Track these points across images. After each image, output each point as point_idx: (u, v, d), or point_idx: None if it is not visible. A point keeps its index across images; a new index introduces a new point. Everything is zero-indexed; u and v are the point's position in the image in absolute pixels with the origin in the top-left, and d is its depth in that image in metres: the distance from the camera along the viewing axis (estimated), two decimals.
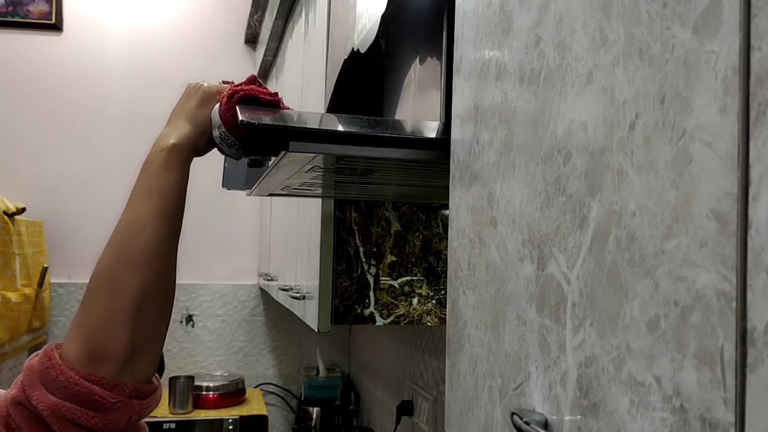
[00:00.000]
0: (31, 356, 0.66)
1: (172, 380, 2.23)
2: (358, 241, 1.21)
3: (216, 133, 0.76)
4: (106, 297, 0.66)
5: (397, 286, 1.22)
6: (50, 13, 2.51)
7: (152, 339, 0.68)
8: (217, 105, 0.76)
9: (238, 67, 2.65)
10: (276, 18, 2.00)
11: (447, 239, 0.65)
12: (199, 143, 0.77)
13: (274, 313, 2.63)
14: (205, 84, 0.79)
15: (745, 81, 0.27)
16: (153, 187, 0.72)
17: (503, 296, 0.49)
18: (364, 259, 1.21)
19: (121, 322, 0.65)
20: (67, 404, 0.61)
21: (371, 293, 1.21)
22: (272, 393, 2.62)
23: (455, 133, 0.62)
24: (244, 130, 0.70)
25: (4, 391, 0.68)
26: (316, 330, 1.21)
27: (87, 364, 0.63)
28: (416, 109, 0.82)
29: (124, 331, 0.65)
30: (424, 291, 1.23)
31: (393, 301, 1.22)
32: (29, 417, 0.62)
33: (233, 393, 2.34)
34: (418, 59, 0.82)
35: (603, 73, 0.38)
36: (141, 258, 0.67)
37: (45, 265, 2.22)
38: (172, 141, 0.75)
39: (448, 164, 0.63)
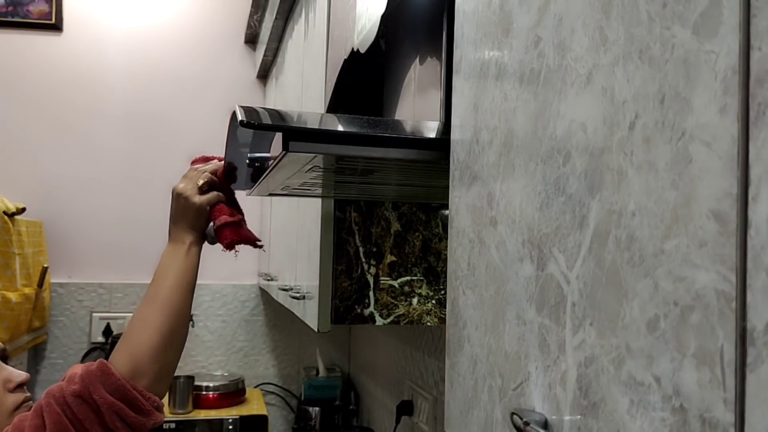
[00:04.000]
0: (86, 364, 0.89)
1: (173, 380, 2.23)
2: (358, 241, 1.21)
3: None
4: (144, 331, 0.92)
5: (396, 286, 1.22)
6: (50, 13, 2.51)
7: (172, 367, 0.94)
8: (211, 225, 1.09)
9: (238, 67, 2.65)
10: (276, 18, 2.00)
11: (447, 239, 0.65)
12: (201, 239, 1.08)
13: (274, 313, 2.63)
14: (189, 197, 1.04)
15: (744, 81, 0.27)
16: (182, 266, 1.03)
17: (503, 296, 0.49)
18: (364, 259, 1.21)
19: (155, 349, 0.91)
20: (120, 404, 0.84)
21: (371, 293, 1.21)
22: (272, 393, 2.62)
23: (455, 133, 0.62)
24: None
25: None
26: (316, 330, 1.21)
27: (130, 377, 0.87)
28: (416, 109, 0.82)
29: (155, 356, 0.90)
30: (423, 291, 1.23)
31: (393, 301, 1.22)
32: (88, 409, 0.84)
33: (233, 393, 2.34)
34: (418, 59, 0.82)
35: (603, 73, 0.38)
36: (166, 302, 0.95)
37: (45, 265, 2.22)
38: (187, 239, 1.06)
39: (448, 164, 0.63)
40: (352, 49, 0.92)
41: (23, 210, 2.11)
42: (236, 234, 1.08)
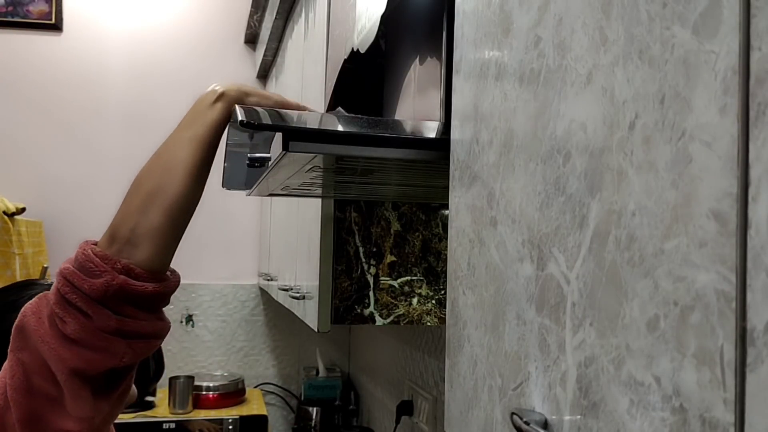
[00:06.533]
0: None
1: (172, 380, 2.23)
2: (357, 241, 1.21)
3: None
4: (129, 195, 0.79)
5: (396, 286, 1.22)
6: (50, 13, 2.51)
7: (154, 232, 0.76)
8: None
9: (238, 67, 2.65)
10: (276, 18, 2.00)
11: (447, 239, 0.65)
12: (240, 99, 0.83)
13: (274, 313, 2.63)
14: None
15: (744, 81, 0.27)
16: (197, 118, 0.82)
17: (503, 296, 0.49)
18: (363, 259, 1.21)
19: (131, 212, 0.76)
20: (71, 267, 0.73)
21: (371, 293, 1.21)
22: (272, 393, 2.62)
23: (455, 133, 0.62)
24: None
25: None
26: (315, 330, 1.21)
27: (104, 246, 0.75)
28: (416, 109, 0.82)
29: (130, 219, 0.76)
30: (423, 291, 1.23)
31: (393, 301, 1.22)
32: (56, 283, 0.74)
33: (233, 393, 2.34)
34: (418, 59, 0.82)
35: (603, 73, 0.38)
36: (163, 164, 0.79)
37: (45, 265, 2.22)
38: (220, 89, 0.84)
39: (448, 164, 0.63)
40: (352, 49, 0.92)
41: (23, 210, 2.11)
42: None
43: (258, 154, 0.91)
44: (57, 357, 0.71)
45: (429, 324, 1.25)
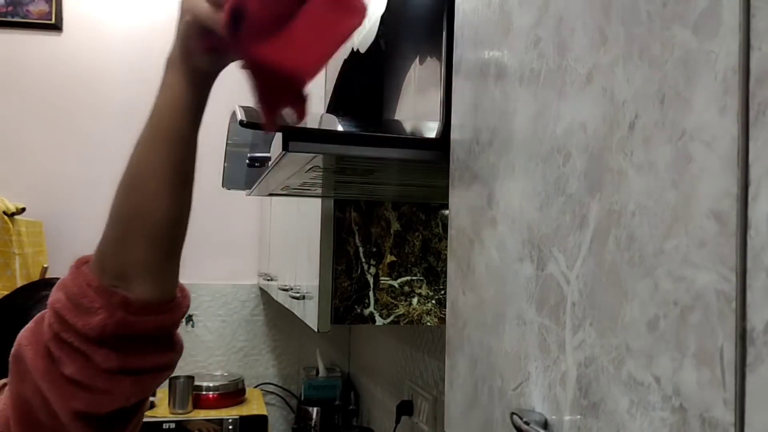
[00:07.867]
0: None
1: (172, 380, 2.23)
2: (357, 241, 1.21)
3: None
4: (108, 217, 0.67)
5: (396, 286, 1.22)
6: (50, 13, 2.50)
7: (143, 266, 0.65)
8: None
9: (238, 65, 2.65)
10: None
11: (447, 239, 0.65)
12: (192, 49, 0.68)
13: (274, 313, 2.63)
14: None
15: (744, 81, 0.27)
16: (152, 108, 0.71)
17: (503, 296, 0.49)
18: (363, 259, 1.21)
19: (111, 242, 0.66)
20: (63, 300, 0.64)
21: (371, 293, 1.21)
22: (272, 393, 2.62)
23: (455, 133, 0.62)
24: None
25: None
26: (315, 330, 1.21)
27: (96, 273, 0.65)
28: (416, 109, 0.82)
29: (113, 251, 0.66)
30: (423, 291, 1.23)
31: (393, 301, 1.22)
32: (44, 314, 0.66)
33: (233, 393, 2.34)
34: (417, 59, 0.82)
35: (602, 73, 0.38)
36: (129, 181, 0.68)
37: (45, 265, 2.22)
38: (165, 67, 0.72)
39: (448, 164, 0.63)
40: (352, 49, 0.92)
41: (23, 210, 2.11)
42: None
43: (258, 154, 0.91)
44: (58, 398, 0.64)
45: (429, 324, 1.25)
